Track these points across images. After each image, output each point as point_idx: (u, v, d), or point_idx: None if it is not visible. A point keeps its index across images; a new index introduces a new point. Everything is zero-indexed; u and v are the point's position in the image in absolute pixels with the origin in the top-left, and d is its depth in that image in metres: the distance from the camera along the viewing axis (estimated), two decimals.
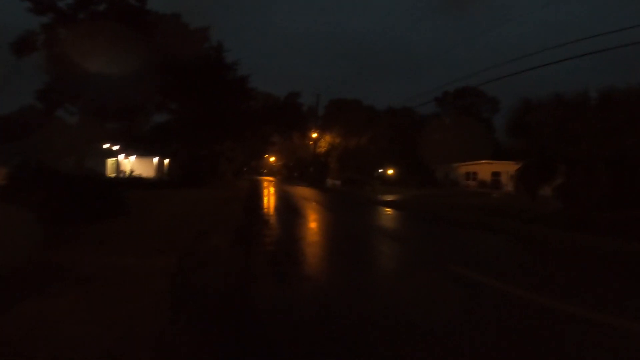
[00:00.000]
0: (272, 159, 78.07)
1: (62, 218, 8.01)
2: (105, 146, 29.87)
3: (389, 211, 15.93)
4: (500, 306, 4.22)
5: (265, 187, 37.20)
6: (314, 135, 45.81)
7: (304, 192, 28.12)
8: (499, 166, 39.21)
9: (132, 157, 31.40)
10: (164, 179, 30.76)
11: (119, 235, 7.61)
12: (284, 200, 20.30)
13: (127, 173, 28.85)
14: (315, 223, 11.72)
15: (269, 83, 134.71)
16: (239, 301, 4.25)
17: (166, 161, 33.77)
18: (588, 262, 7.19)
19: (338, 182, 37.96)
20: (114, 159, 30.96)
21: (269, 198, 22.30)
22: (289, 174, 66.30)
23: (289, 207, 16.36)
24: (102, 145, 29.42)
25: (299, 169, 58.28)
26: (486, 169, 41.00)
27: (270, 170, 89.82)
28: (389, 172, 45.55)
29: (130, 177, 27.55)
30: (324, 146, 48.06)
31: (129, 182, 23.86)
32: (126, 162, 31.25)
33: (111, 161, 31.21)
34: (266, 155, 76.18)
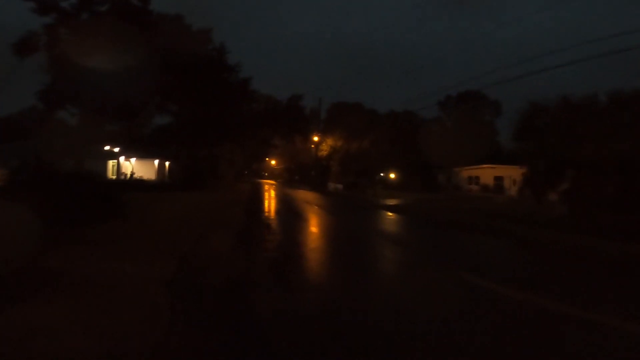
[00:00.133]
0: (274, 162, 77.94)
1: (59, 220, 7.81)
2: (106, 148, 29.76)
3: (392, 216, 15.68)
4: (524, 318, 3.99)
5: (267, 190, 36.99)
6: (316, 139, 45.62)
7: (305, 196, 27.89)
8: (501, 170, 38.96)
9: (133, 159, 31.25)
10: (165, 181, 30.62)
11: (117, 238, 7.41)
12: (286, 204, 20.07)
13: (128, 175, 28.70)
14: (317, 227, 11.48)
15: (271, 86, 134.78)
16: (240, 311, 4.02)
17: (167, 163, 33.61)
18: (604, 268, 6.97)
19: (340, 186, 37.74)
20: (115, 161, 30.81)
21: (270, 201, 22.08)
22: (290, 178, 66.12)
23: (290, 211, 16.13)
24: (103, 147, 29.31)
25: (301, 173, 58.09)
26: (489, 173, 40.74)
27: (271, 174, 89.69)
28: (391, 176, 45.33)
29: (131, 179, 27.43)
30: (325, 149, 47.86)
31: (129, 184, 23.72)
32: (127, 164, 31.09)
33: (112, 163, 31.07)
34: (267, 158, 76.11)
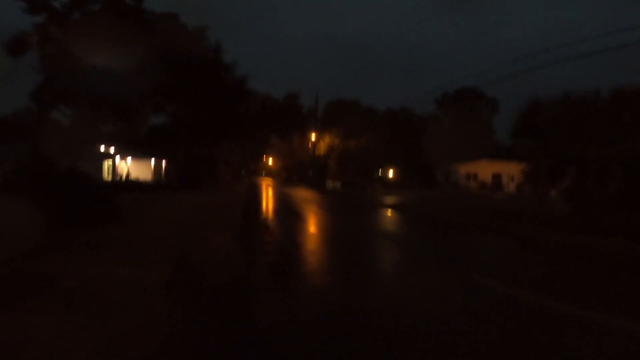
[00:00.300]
0: (271, 161, 77.63)
1: (54, 223, 7.62)
2: (101, 148, 29.42)
3: (393, 214, 15.52)
4: (543, 323, 3.80)
5: (264, 189, 36.74)
6: (313, 137, 45.39)
7: (303, 195, 27.68)
8: (499, 167, 38.93)
9: (129, 159, 30.91)
10: (161, 181, 30.32)
11: (112, 242, 7.19)
12: (284, 204, 19.86)
13: (124, 176, 28.40)
14: (317, 228, 11.29)
15: (268, 85, 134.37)
16: (239, 317, 3.82)
17: (164, 163, 33.30)
18: (619, 269, 6.79)
19: (338, 184, 37.53)
20: (110, 162, 30.47)
21: (269, 201, 21.86)
22: (287, 176, 65.81)
23: (289, 211, 15.92)
24: (98, 147, 28.97)
25: (298, 171, 57.82)
26: (487, 170, 40.68)
27: (268, 173, 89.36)
28: (389, 173, 45.19)
29: (127, 179, 27.13)
30: (323, 148, 47.64)
31: (125, 185, 23.45)
32: (123, 165, 30.75)
33: (107, 163, 30.72)
34: (265, 157, 75.81)
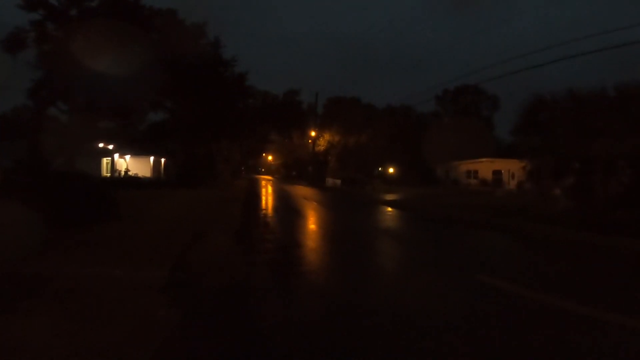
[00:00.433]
0: (270, 157, 77.47)
1: (51, 222, 7.49)
2: (100, 145, 29.29)
3: (393, 212, 15.39)
4: (553, 323, 3.67)
5: (264, 186, 36.62)
6: (313, 134, 45.22)
7: (303, 192, 27.56)
8: (500, 164, 38.77)
9: (128, 156, 30.78)
10: (160, 178, 30.21)
11: (109, 240, 7.06)
12: (284, 201, 19.73)
13: (122, 172, 28.26)
14: (318, 225, 11.16)
15: (268, 82, 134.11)
16: (239, 322, 3.69)
17: (163, 160, 33.16)
18: (629, 267, 6.64)
19: (338, 181, 37.40)
20: (109, 159, 30.34)
21: (268, 198, 21.73)
22: (287, 173, 65.70)
23: (289, 208, 15.80)
24: (96, 144, 28.83)
25: (298, 168, 57.68)
26: (487, 167, 40.53)
27: (268, 169, 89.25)
28: (389, 170, 45.06)
29: (126, 176, 27.00)
30: (323, 145, 47.48)
31: (124, 182, 23.33)
32: (122, 162, 30.62)
33: (106, 160, 30.61)
34: (264, 154, 75.62)
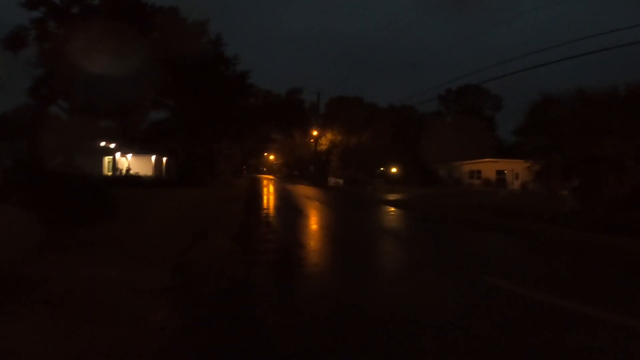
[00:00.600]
0: (272, 157, 77.31)
1: (48, 222, 7.33)
2: (102, 144, 29.16)
3: (396, 212, 15.19)
4: (564, 326, 3.47)
5: (265, 185, 36.45)
6: (315, 133, 45.04)
7: (305, 191, 27.38)
8: (503, 164, 38.52)
9: (129, 155, 30.63)
10: (162, 177, 30.06)
11: (106, 241, 6.88)
12: (286, 200, 19.54)
13: (124, 171, 28.13)
14: (321, 226, 10.96)
15: (270, 82, 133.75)
16: (240, 328, 3.50)
17: (164, 159, 33.03)
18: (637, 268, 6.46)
19: (340, 181, 37.22)
20: (111, 157, 30.20)
21: (270, 197, 21.55)
22: (289, 173, 65.53)
23: (291, 208, 15.61)
24: (98, 143, 28.71)
25: (300, 168, 57.50)
26: (490, 167, 40.27)
27: (270, 169, 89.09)
28: (391, 170, 44.84)
29: (127, 175, 26.85)
30: (324, 144, 47.25)
31: (125, 181, 23.20)
32: (123, 160, 30.48)
33: (108, 159, 30.47)
34: (266, 153, 75.48)
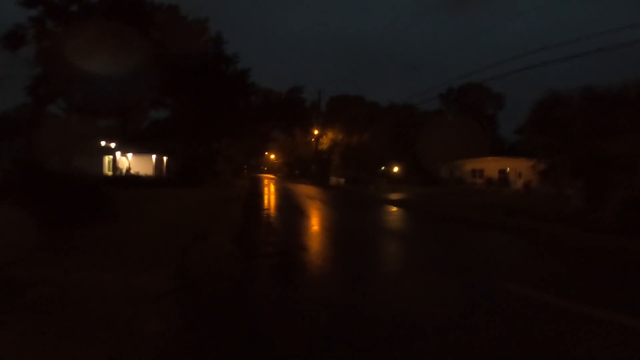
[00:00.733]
0: (273, 156, 77.05)
1: (44, 222, 7.15)
2: (102, 143, 28.95)
3: (400, 212, 14.97)
4: (582, 333, 3.25)
5: (266, 185, 36.24)
6: (316, 132, 44.81)
7: (307, 191, 27.17)
8: (506, 163, 38.24)
9: (130, 154, 30.43)
10: (162, 177, 29.85)
11: (102, 242, 6.68)
12: (287, 200, 19.33)
13: (124, 171, 27.93)
14: (324, 226, 10.74)
15: (271, 81, 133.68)
16: (240, 339, 3.28)
17: (165, 159, 32.83)
18: None
19: (342, 180, 37.01)
20: (111, 157, 29.99)
21: (271, 197, 21.34)
22: (290, 172, 65.29)
23: (292, 208, 15.40)
24: (98, 142, 28.50)
25: (301, 167, 57.28)
26: (493, 166, 39.96)
27: (270, 168, 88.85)
28: (392, 169, 44.65)
29: (127, 175, 26.65)
30: (326, 143, 47.01)
31: (125, 180, 23.00)
32: (124, 160, 30.28)
33: (108, 159, 30.26)
34: (267, 152, 75.22)
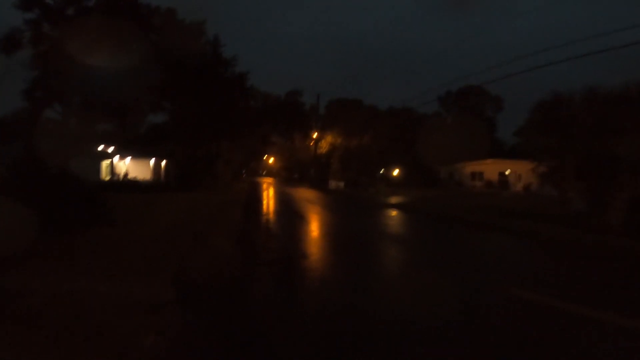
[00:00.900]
0: (271, 160, 76.88)
1: (37, 228, 6.97)
2: (100, 148, 28.72)
3: (402, 215, 14.79)
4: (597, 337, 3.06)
5: (265, 189, 36.02)
6: (315, 136, 44.68)
7: (306, 195, 26.96)
8: (506, 165, 38.17)
9: (128, 158, 30.20)
10: (160, 181, 29.63)
11: (98, 249, 6.47)
12: (287, 204, 19.11)
13: (121, 176, 27.71)
14: (325, 232, 10.53)
15: (269, 85, 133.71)
16: (244, 351, 3.08)
17: (163, 163, 32.60)
18: None
19: (341, 184, 36.82)
20: (109, 161, 29.75)
21: (270, 202, 21.11)
22: (289, 176, 65.05)
23: (292, 213, 15.18)
24: (96, 146, 28.27)
25: (300, 170, 57.08)
26: (492, 168, 39.88)
27: (269, 172, 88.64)
28: (392, 172, 44.53)
29: (125, 179, 26.44)
30: (325, 147, 46.85)
31: (123, 185, 22.78)
32: (121, 164, 30.03)
33: (106, 163, 30.01)
34: (265, 156, 75.05)
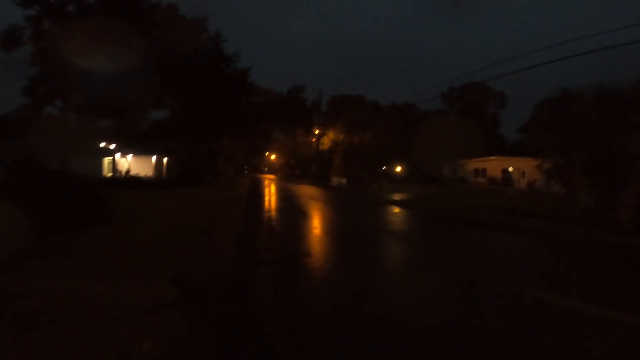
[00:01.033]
0: (273, 156, 76.74)
1: (36, 226, 6.86)
2: (101, 145, 28.65)
3: (405, 213, 14.63)
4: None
5: (267, 185, 35.90)
6: (317, 132, 44.50)
7: (308, 191, 26.82)
8: (509, 162, 37.89)
9: (130, 155, 30.12)
10: (162, 178, 29.55)
11: (98, 248, 6.35)
12: (289, 201, 18.98)
13: (123, 172, 27.62)
14: (328, 229, 10.39)
15: (271, 81, 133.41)
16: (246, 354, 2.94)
17: (165, 159, 32.51)
18: None
19: (343, 180, 36.64)
20: (111, 158, 29.68)
21: (272, 198, 20.98)
22: (291, 172, 64.89)
23: (295, 209, 15.04)
24: (97, 143, 28.20)
25: (302, 167, 56.93)
26: (496, 165, 39.61)
27: (271, 168, 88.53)
28: (394, 169, 44.36)
29: (127, 176, 26.35)
30: (327, 143, 46.66)
31: (125, 182, 22.68)
32: (123, 161, 29.96)
33: (107, 160, 29.95)
34: (267, 152, 74.93)
